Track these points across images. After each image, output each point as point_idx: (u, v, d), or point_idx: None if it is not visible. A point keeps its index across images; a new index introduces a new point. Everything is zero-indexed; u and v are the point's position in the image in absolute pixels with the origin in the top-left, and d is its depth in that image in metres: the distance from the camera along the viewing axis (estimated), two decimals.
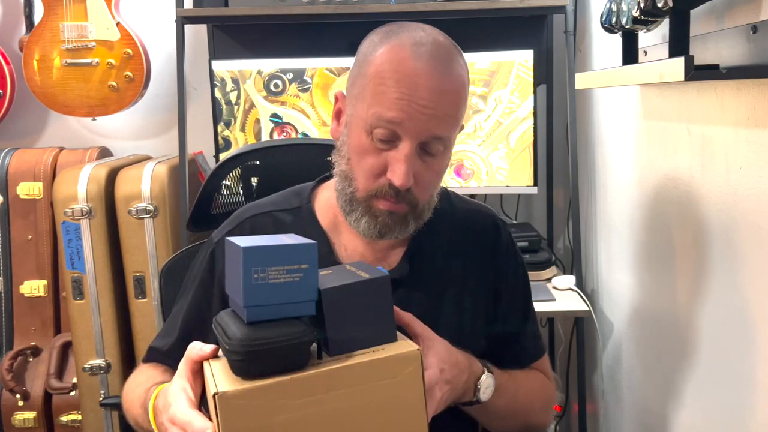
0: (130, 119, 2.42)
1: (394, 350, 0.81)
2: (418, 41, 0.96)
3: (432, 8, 2.02)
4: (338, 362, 0.79)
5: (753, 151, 1.05)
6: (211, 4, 2.15)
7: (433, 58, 0.95)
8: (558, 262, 2.20)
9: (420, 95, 0.93)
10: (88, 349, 2.05)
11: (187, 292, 1.13)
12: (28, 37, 2.23)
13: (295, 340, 0.76)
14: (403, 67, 0.94)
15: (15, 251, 2.21)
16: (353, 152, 0.99)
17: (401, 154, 0.94)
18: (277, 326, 0.77)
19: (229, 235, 1.10)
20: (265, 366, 0.75)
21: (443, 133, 0.96)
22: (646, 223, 1.56)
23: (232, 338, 0.76)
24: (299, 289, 0.79)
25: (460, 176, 2.14)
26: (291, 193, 1.15)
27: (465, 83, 0.99)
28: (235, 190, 1.43)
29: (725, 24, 1.11)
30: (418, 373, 0.81)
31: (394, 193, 0.97)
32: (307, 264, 0.79)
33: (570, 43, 2.03)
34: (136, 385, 1.07)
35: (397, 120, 0.93)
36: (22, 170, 2.20)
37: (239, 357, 0.75)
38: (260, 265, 0.77)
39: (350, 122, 1.00)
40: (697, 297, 1.29)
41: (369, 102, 0.96)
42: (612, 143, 1.82)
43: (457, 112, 0.98)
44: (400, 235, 1.02)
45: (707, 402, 1.27)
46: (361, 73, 0.99)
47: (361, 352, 0.81)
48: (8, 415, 2.13)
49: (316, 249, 0.80)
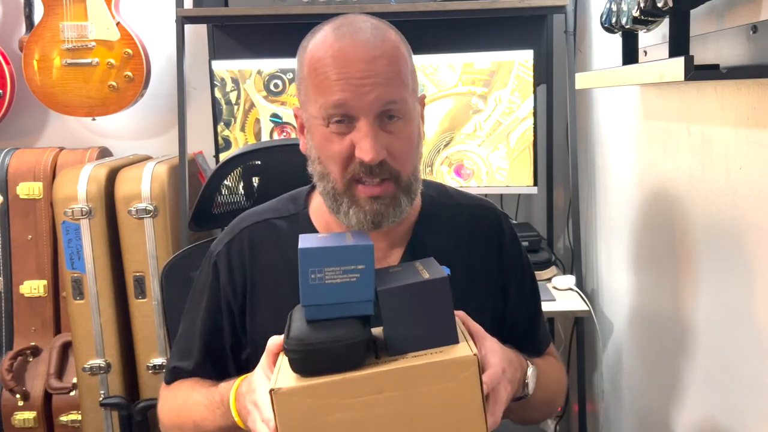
0: (130, 119, 2.42)
1: (450, 354, 0.80)
2: (338, 26, 0.98)
3: (432, 8, 2.02)
4: (392, 364, 0.79)
5: (753, 151, 1.06)
6: (211, 4, 2.15)
7: (356, 33, 0.96)
8: (558, 262, 2.20)
9: (355, 68, 0.94)
10: (88, 349, 2.05)
11: (198, 307, 1.13)
12: (28, 37, 2.23)
13: (348, 341, 0.77)
14: (330, 52, 0.95)
15: (15, 251, 2.21)
16: (320, 149, 0.99)
17: (362, 131, 0.94)
18: (333, 326, 0.79)
19: (228, 246, 1.11)
20: (320, 365, 0.77)
21: (393, 96, 0.95)
22: (646, 223, 1.56)
23: (291, 337, 0.79)
24: (356, 290, 0.80)
25: (460, 176, 2.14)
26: (288, 198, 1.15)
27: (398, 45, 0.99)
28: (235, 190, 1.43)
29: (725, 24, 1.12)
30: (475, 378, 0.79)
31: (369, 171, 0.96)
32: (363, 265, 0.80)
33: (570, 43, 2.03)
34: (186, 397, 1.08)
35: (342, 100, 0.94)
36: (22, 170, 2.20)
37: (295, 356, 0.78)
38: (317, 265, 0.80)
39: (309, 126, 1.01)
40: (697, 297, 1.29)
41: (314, 98, 0.97)
42: (612, 143, 1.82)
43: (398, 72, 0.96)
44: (396, 217, 1.00)
45: (707, 402, 1.28)
46: (300, 77, 1.01)
47: (418, 353, 0.80)
48: (8, 415, 2.13)
49: (372, 250, 0.81)
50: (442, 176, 2.14)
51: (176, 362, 1.14)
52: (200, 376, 1.11)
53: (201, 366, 1.11)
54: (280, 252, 1.09)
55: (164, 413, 1.14)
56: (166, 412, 1.13)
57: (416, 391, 0.77)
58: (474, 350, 0.80)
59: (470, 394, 0.78)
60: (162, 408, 1.14)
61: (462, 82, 2.09)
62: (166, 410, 1.13)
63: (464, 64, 2.08)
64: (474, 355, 0.79)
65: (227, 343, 1.11)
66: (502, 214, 1.18)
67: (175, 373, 1.14)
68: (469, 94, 2.09)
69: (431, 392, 0.77)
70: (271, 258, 1.09)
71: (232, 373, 1.09)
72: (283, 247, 1.09)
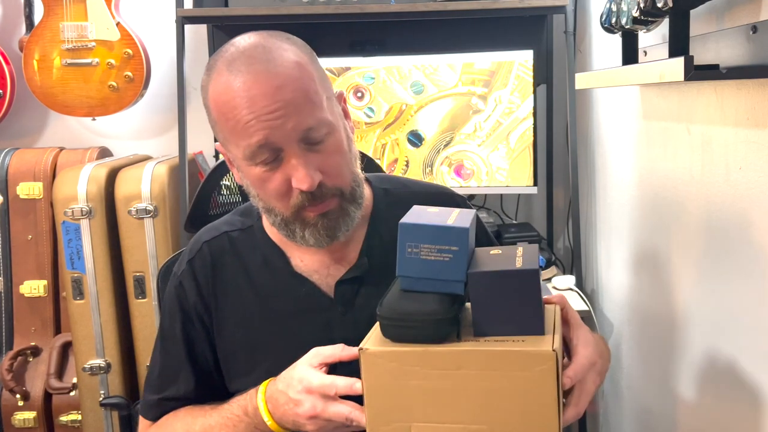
0: (130, 119, 2.42)
1: (530, 345, 0.81)
2: (230, 59, 0.93)
3: (432, 8, 2.02)
4: (473, 344, 0.82)
5: (753, 151, 1.05)
6: (211, 4, 2.14)
7: (250, 65, 0.92)
8: (558, 262, 2.20)
9: (261, 105, 0.90)
10: (88, 349, 2.05)
11: (173, 335, 1.09)
12: (28, 37, 2.23)
13: (435, 316, 0.82)
14: (230, 95, 0.92)
15: (15, 251, 2.21)
16: (256, 187, 0.99)
17: (291, 162, 0.93)
18: (424, 300, 0.83)
19: (191, 263, 1.09)
20: (406, 334, 0.83)
21: (308, 123, 0.92)
22: (646, 223, 1.56)
23: (384, 305, 0.84)
24: (448, 269, 0.84)
25: (460, 176, 2.14)
26: (241, 211, 1.15)
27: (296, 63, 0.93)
28: (234, 191, 1.43)
29: (725, 24, 1.11)
30: (552, 373, 0.80)
31: (312, 197, 0.95)
32: (457, 246, 0.83)
33: (570, 43, 2.02)
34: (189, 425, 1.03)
35: (262, 140, 0.91)
36: (22, 170, 2.20)
37: (386, 322, 0.84)
38: (413, 240, 0.84)
39: (238, 165, 1.00)
40: (697, 297, 1.29)
41: (232, 141, 0.95)
42: (612, 143, 1.82)
43: (305, 94, 0.92)
44: (349, 226, 1.00)
45: (707, 401, 1.27)
46: (211, 119, 0.98)
47: (501, 338, 0.83)
48: (8, 415, 2.13)
49: (466, 234, 0.84)
50: (442, 176, 2.14)
51: (162, 394, 1.09)
52: (193, 400, 1.07)
53: (195, 389, 1.08)
54: (240, 264, 1.08)
55: None
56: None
57: (492, 374, 0.81)
58: (555, 346, 0.81)
59: (545, 387, 0.80)
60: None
61: (462, 82, 2.09)
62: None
63: (464, 64, 2.08)
64: (553, 351, 0.80)
65: (210, 361, 1.09)
66: (461, 199, 1.16)
67: (162, 405, 1.09)
68: (469, 94, 2.09)
69: (506, 378, 0.81)
70: (231, 269, 1.08)
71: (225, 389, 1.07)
72: (242, 259, 1.08)
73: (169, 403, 1.09)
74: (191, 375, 1.08)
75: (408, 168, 2.15)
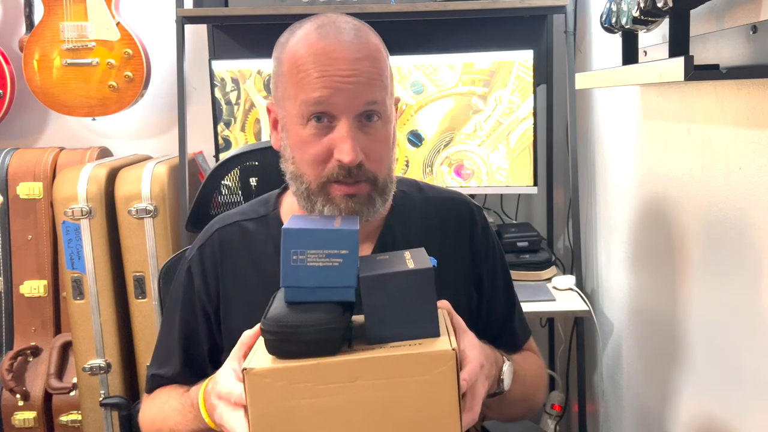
0: (130, 119, 2.42)
1: (429, 347, 0.78)
2: (321, 25, 0.97)
3: (432, 8, 2.02)
4: (369, 352, 0.77)
5: (753, 151, 1.05)
6: (211, 4, 2.14)
7: (339, 33, 0.96)
8: (558, 262, 2.20)
9: (338, 68, 0.93)
10: (88, 349, 2.05)
11: (174, 314, 1.13)
12: (28, 37, 2.23)
13: (325, 325, 0.76)
14: (314, 49, 0.95)
15: (15, 251, 2.21)
16: (295, 149, 0.99)
17: (341, 132, 0.94)
18: (312, 310, 0.78)
19: (201, 250, 1.11)
20: (295, 348, 0.76)
21: (375, 96, 0.95)
22: (646, 223, 1.56)
23: (268, 318, 0.78)
24: (338, 275, 0.79)
25: (460, 176, 2.14)
26: (258, 202, 1.15)
27: (379, 48, 0.99)
28: (234, 190, 1.43)
29: (725, 24, 1.11)
30: (452, 373, 0.77)
31: (347, 173, 0.95)
32: (346, 250, 0.79)
33: (570, 43, 2.03)
34: (162, 404, 1.07)
35: (324, 97, 0.93)
36: (22, 170, 2.20)
37: (271, 337, 0.77)
38: (299, 247, 0.78)
39: (285, 123, 1.00)
40: (697, 297, 1.29)
41: (294, 94, 0.96)
42: (612, 143, 1.82)
43: (380, 74, 0.97)
44: (370, 216, 1.00)
45: (707, 401, 1.27)
46: (279, 73, 1.00)
47: (396, 344, 0.79)
48: (8, 415, 2.13)
49: (356, 236, 0.80)
50: (442, 176, 2.14)
51: (155, 370, 1.14)
52: (180, 383, 1.10)
53: (180, 373, 1.10)
54: (249, 253, 1.09)
55: (143, 422, 1.13)
56: (144, 421, 1.12)
57: (391, 382, 0.76)
58: (454, 345, 0.78)
59: (446, 389, 0.77)
60: (141, 417, 1.13)
61: (462, 82, 2.09)
62: (145, 419, 1.12)
63: (464, 64, 2.08)
64: (453, 350, 0.77)
65: (204, 348, 1.10)
66: (475, 206, 1.17)
67: (154, 381, 1.13)
68: (469, 94, 2.09)
69: (406, 384, 0.76)
70: (240, 260, 1.09)
71: None
72: (251, 249, 1.09)
73: (159, 380, 1.13)
74: (180, 361, 1.11)
75: (408, 168, 2.15)
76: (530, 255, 2.02)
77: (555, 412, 2.16)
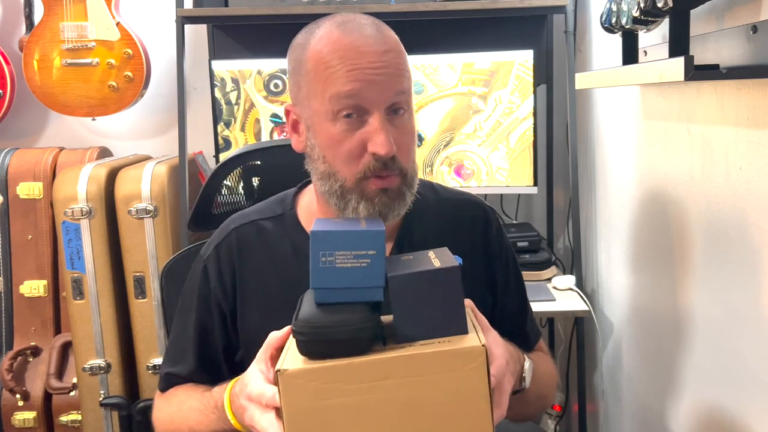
0: (130, 119, 2.42)
1: (458, 344, 0.78)
2: (341, 22, 0.99)
3: (432, 8, 2.02)
4: (398, 351, 0.78)
5: (753, 151, 1.06)
6: (211, 4, 2.14)
7: (363, 28, 0.98)
8: (558, 262, 2.20)
9: (367, 60, 0.94)
10: (88, 349, 2.05)
11: (189, 312, 1.12)
12: (28, 37, 2.23)
13: (355, 326, 0.77)
14: (340, 45, 0.95)
15: (15, 251, 2.21)
16: (326, 148, 0.98)
17: (375, 124, 0.95)
18: (342, 311, 0.79)
19: (217, 249, 1.11)
20: (326, 349, 0.77)
21: (403, 86, 0.97)
22: (646, 223, 1.56)
23: (299, 319, 0.79)
24: (366, 275, 0.80)
25: (460, 176, 2.14)
26: (275, 200, 1.15)
27: (399, 41, 1.01)
28: (236, 190, 1.43)
29: (725, 24, 1.12)
30: (483, 369, 0.77)
31: (382, 166, 0.96)
32: (374, 250, 0.80)
33: (570, 43, 2.03)
34: (180, 403, 1.07)
35: (356, 90, 0.94)
36: (22, 170, 2.20)
37: (303, 338, 0.78)
38: (327, 249, 0.80)
39: (311, 123, 1.00)
40: (697, 297, 1.29)
41: (322, 90, 0.96)
42: (612, 143, 1.82)
43: (405, 65, 0.99)
44: (400, 211, 1.00)
45: (707, 401, 1.28)
46: (302, 73, 1.00)
47: (426, 342, 0.80)
48: (8, 415, 2.13)
49: (383, 236, 0.81)
50: (442, 176, 2.14)
51: (169, 368, 1.13)
52: (194, 381, 1.10)
53: (195, 371, 1.10)
54: (266, 252, 1.09)
55: (159, 421, 1.12)
56: (160, 419, 1.12)
57: (422, 380, 0.77)
58: (483, 341, 0.78)
59: (477, 385, 0.77)
60: (156, 416, 1.13)
61: (462, 82, 2.09)
62: (161, 418, 1.12)
63: (464, 64, 2.08)
64: (482, 346, 0.78)
65: (219, 347, 1.10)
66: (489, 208, 1.17)
67: (168, 379, 1.13)
68: (469, 94, 2.09)
69: (437, 381, 0.77)
70: (258, 259, 1.09)
71: (226, 376, 1.08)
72: (269, 248, 1.09)
73: (174, 378, 1.13)
74: (194, 359, 1.11)
75: None
76: (530, 255, 2.03)
77: (555, 412, 2.16)
